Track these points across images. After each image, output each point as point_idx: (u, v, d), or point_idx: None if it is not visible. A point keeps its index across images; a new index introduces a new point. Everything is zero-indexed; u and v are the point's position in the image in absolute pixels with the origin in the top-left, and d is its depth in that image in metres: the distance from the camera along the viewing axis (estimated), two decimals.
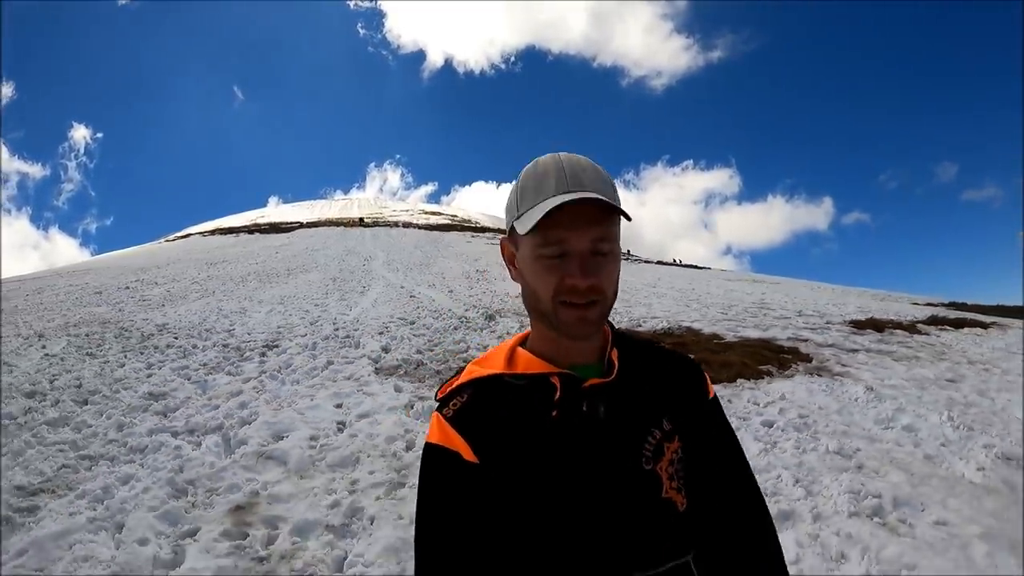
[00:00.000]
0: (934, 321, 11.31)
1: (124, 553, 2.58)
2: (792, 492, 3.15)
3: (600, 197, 0.69)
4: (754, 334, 7.72)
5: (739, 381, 5.16)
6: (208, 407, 4.43)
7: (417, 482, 0.77)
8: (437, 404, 0.82)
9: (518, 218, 0.74)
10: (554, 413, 0.75)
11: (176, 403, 4.59)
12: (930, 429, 4.45)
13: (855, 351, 7.30)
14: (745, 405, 4.53)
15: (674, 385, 0.84)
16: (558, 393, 0.75)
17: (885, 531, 2.92)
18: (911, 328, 9.95)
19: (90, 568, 2.52)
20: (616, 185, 0.77)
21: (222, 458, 3.49)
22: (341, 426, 3.98)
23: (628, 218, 0.73)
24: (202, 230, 50.99)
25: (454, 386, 0.81)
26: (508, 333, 7.31)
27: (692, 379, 0.87)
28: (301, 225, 45.26)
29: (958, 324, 11.08)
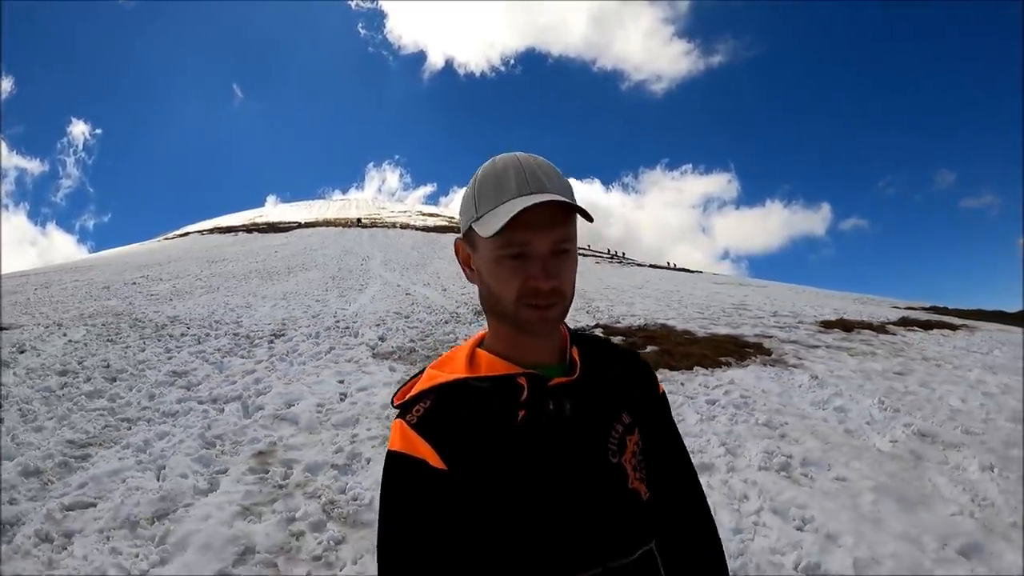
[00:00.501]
0: (905, 323, 11.98)
1: (168, 484, 3.26)
2: (715, 451, 3.84)
3: (564, 199, 0.71)
4: (723, 331, 8.42)
5: (696, 368, 5.85)
6: (227, 382, 5.13)
7: (380, 490, 0.77)
8: (397, 411, 0.81)
9: (477, 219, 0.75)
10: (522, 413, 0.76)
11: (198, 379, 5.29)
12: (860, 410, 5.11)
13: (816, 347, 7.99)
14: (695, 387, 5.22)
15: (630, 380, 0.88)
16: (525, 393, 0.77)
17: (788, 481, 3.59)
18: (880, 328, 10.62)
19: (140, 495, 3.19)
20: (572, 186, 0.79)
21: (243, 419, 4.19)
22: (343, 396, 4.69)
23: (590, 219, 0.74)
24: (201, 229, 51.68)
25: (414, 392, 0.81)
26: None
27: (643, 374, 0.91)
28: (299, 225, 45.95)
29: (928, 326, 11.73)
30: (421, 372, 0.85)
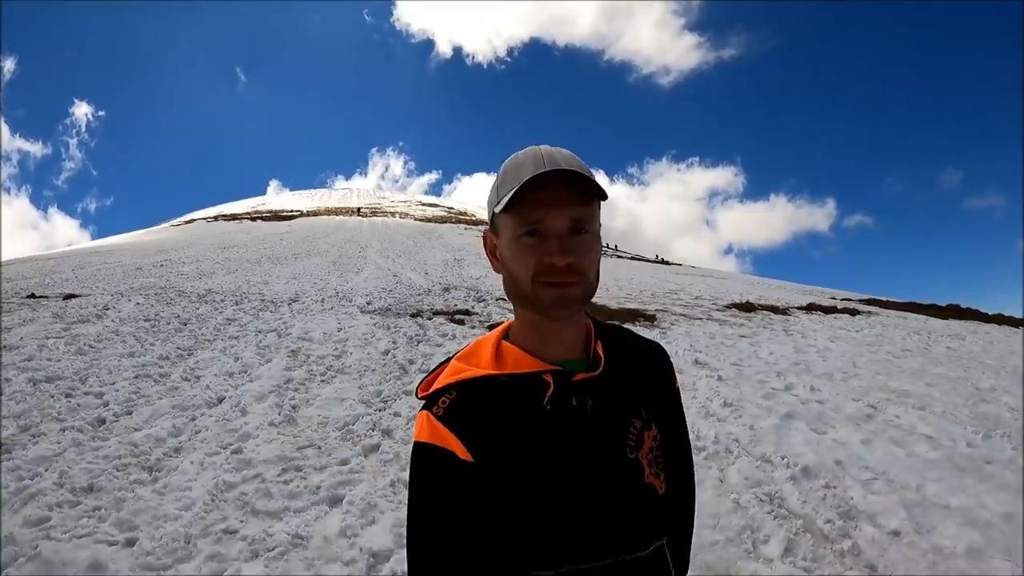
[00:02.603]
0: (810, 307, 14.78)
1: (243, 361, 6.46)
2: None
3: (575, 170, 0.78)
4: (632, 306, 11.48)
5: None
6: (265, 324, 8.37)
7: (408, 475, 0.87)
8: (423, 402, 0.89)
9: (498, 202, 0.83)
10: (547, 408, 0.84)
11: (244, 323, 8.51)
12: (672, 350, 8.09)
13: (698, 319, 11.01)
14: None
15: (649, 374, 0.98)
16: (551, 390, 0.85)
17: None
18: (781, 311, 13.46)
19: (231, 364, 6.36)
20: (594, 175, 0.83)
21: (280, 339, 7.42)
22: (339, 329, 7.93)
23: (604, 196, 0.81)
24: (205, 216, 55.28)
25: (439, 384, 0.89)
26: (455, 299, 11.15)
27: (662, 369, 1.02)
28: (302, 214, 49.33)
29: (831, 310, 14.45)
30: (445, 363, 0.93)
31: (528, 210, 0.80)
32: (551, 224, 0.80)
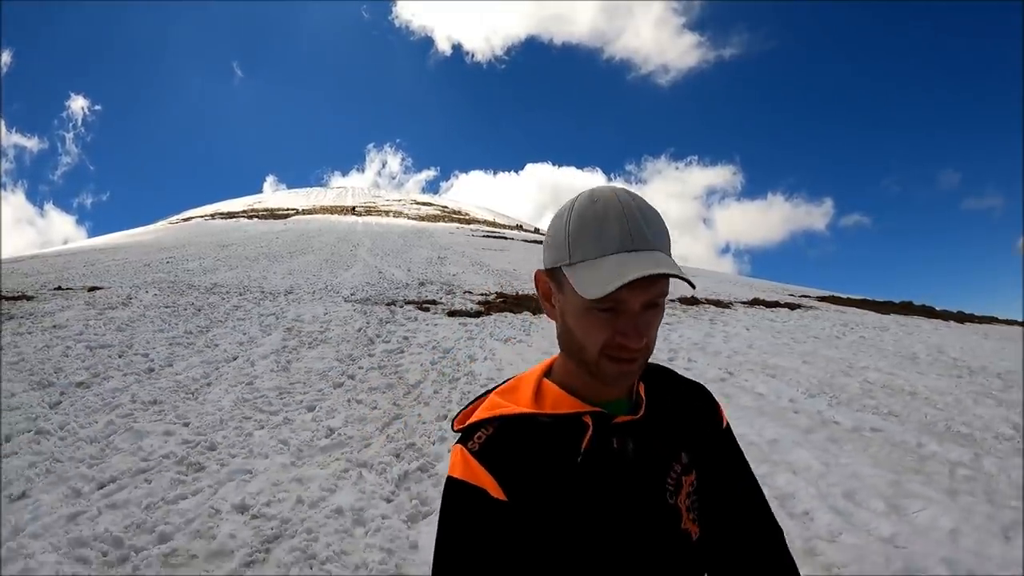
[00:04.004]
0: (754, 302, 16.69)
1: (250, 335, 8.71)
2: (486, 336, 9.18)
3: (672, 271, 0.75)
4: None
5: (524, 312, 11.17)
6: (265, 310, 10.63)
7: (438, 514, 0.86)
8: (459, 436, 0.89)
9: (570, 265, 0.79)
10: (585, 450, 0.84)
11: (248, 308, 10.77)
12: None
13: None
14: (512, 317, 10.55)
15: (691, 417, 0.97)
16: (589, 431, 0.85)
17: (501, 343, 8.88)
18: (724, 305, 15.43)
19: (240, 336, 8.60)
20: (668, 230, 0.82)
21: (278, 320, 9.66)
22: (326, 314, 10.21)
23: (693, 286, 0.78)
24: (203, 214, 57.62)
25: (475, 418, 0.89)
26: (428, 292, 13.35)
27: (707, 409, 1.01)
28: (297, 212, 51.58)
29: (771, 305, 16.33)
30: (484, 395, 0.94)
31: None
32: (631, 303, 0.77)
